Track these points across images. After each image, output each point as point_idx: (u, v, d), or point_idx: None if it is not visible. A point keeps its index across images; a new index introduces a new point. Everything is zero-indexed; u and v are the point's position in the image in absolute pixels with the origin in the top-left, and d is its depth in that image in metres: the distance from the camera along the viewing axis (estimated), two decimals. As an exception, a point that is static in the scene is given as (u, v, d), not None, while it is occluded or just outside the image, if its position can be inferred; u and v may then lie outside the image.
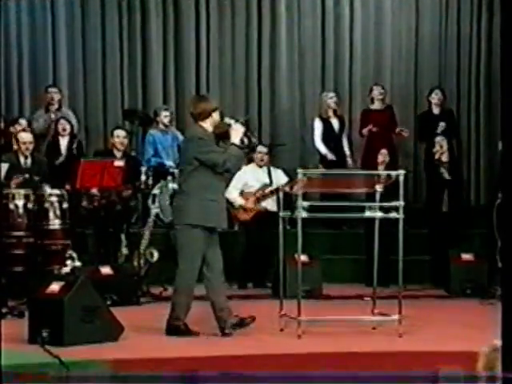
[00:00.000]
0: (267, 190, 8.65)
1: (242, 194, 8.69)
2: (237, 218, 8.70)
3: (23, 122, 8.89)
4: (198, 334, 6.12)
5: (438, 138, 8.95)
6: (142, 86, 10.49)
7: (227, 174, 6.42)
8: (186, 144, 6.37)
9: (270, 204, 8.67)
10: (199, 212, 6.05)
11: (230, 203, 8.23)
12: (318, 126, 9.61)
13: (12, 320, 6.34)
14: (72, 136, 9.28)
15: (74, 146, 9.14)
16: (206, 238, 6.15)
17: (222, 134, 6.29)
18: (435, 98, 9.54)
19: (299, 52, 10.50)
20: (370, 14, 10.46)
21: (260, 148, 8.94)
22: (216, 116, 6.16)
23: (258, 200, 8.65)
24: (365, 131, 9.58)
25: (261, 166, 8.81)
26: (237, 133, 6.11)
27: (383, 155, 8.88)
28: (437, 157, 8.81)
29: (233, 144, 6.07)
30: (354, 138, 9.93)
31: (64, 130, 9.15)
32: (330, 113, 9.60)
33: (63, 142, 9.17)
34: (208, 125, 6.13)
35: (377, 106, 9.73)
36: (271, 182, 8.71)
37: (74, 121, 9.54)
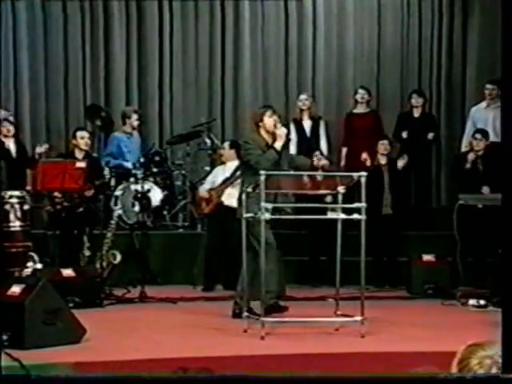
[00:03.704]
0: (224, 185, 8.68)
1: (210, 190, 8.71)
2: (200, 210, 8.74)
3: None
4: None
5: (379, 142, 8.96)
6: (105, 87, 10.42)
7: None
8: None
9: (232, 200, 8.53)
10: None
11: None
12: (291, 129, 9.62)
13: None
14: (17, 138, 9.10)
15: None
16: None
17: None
18: (412, 101, 9.60)
19: (262, 54, 10.51)
20: (333, 18, 10.50)
21: (220, 145, 9.15)
22: (267, 121, 6.72)
23: (218, 194, 8.62)
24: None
25: (223, 163, 8.81)
26: (280, 137, 6.65)
27: (363, 159, 8.86)
28: (375, 162, 8.84)
29: (271, 147, 6.63)
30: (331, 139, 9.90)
31: (8, 131, 8.97)
32: (302, 115, 9.61)
33: (11, 145, 8.96)
34: (263, 132, 6.73)
35: (360, 109, 9.75)
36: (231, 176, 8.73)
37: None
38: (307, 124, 9.63)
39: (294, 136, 9.58)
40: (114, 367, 5.22)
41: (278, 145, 6.61)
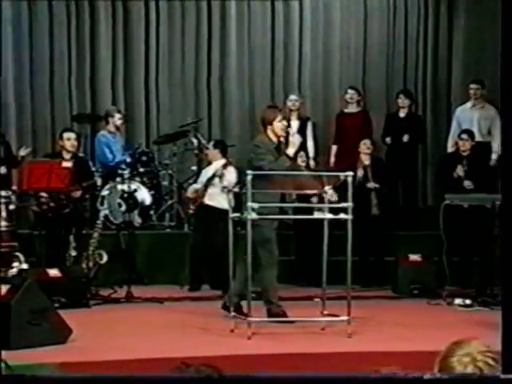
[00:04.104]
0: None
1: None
2: (188, 209, 8.78)
3: None
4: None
5: (362, 141, 8.99)
6: (91, 87, 10.37)
7: None
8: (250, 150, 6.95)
9: (218, 201, 8.48)
10: None
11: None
12: None
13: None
14: (2, 137, 9.02)
15: None
16: None
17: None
18: (399, 101, 9.63)
19: (249, 54, 10.51)
20: (319, 18, 10.51)
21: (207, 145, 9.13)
22: (276, 125, 6.71)
23: (201, 194, 8.62)
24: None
25: (210, 163, 8.81)
26: (293, 144, 6.73)
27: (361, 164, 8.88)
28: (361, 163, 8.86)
29: (285, 154, 6.66)
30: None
31: None
32: (291, 115, 9.59)
33: None
34: (271, 133, 6.74)
35: (350, 109, 9.76)
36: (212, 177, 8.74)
37: None
38: (295, 124, 9.62)
39: None
40: (100, 367, 5.21)
41: (291, 151, 6.71)
